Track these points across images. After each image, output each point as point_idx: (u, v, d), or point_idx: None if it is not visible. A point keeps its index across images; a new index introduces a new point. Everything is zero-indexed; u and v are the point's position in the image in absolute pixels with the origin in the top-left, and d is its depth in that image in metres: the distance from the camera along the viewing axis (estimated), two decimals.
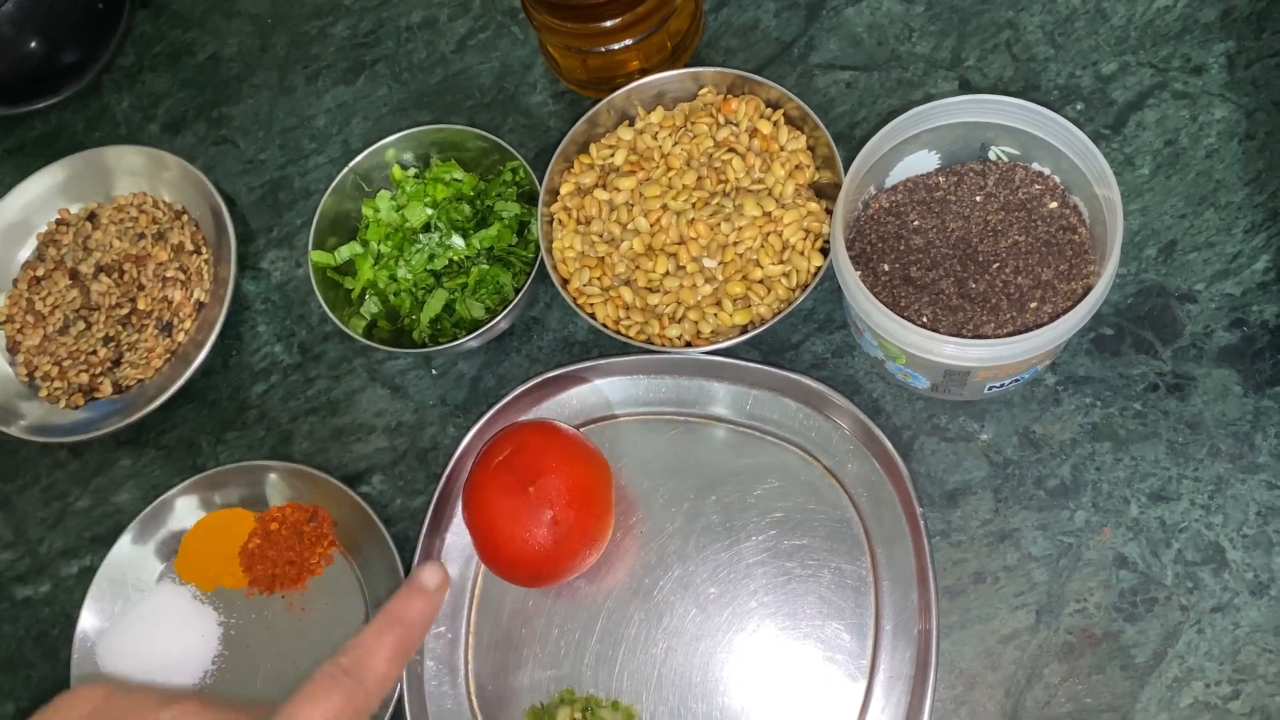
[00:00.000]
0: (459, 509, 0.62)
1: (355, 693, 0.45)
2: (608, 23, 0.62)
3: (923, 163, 0.59)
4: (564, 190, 0.64)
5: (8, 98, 0.79)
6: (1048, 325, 0.51)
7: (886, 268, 0.57)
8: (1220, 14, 0.64)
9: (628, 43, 0.64)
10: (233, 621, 0.63)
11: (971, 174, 0.58)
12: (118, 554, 0.64)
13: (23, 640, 0.66)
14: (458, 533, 0.62)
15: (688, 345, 0.60)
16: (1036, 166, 0.57)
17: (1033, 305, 0.55)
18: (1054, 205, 0.57)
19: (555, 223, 0.63)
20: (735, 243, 0.60)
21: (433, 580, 0.51)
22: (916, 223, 0.58)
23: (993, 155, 0.58)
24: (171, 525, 0.65)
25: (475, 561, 0.61)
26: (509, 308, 0.61)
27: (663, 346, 0.60)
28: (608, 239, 0.62)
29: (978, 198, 0.58)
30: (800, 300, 0.58)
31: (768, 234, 0.59)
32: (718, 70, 0.64)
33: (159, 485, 0.67)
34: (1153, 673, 0.54)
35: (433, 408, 0.66)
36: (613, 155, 0.63)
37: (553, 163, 0.63)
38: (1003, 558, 0.57)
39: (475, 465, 0.58)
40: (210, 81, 0.78)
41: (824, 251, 0.60)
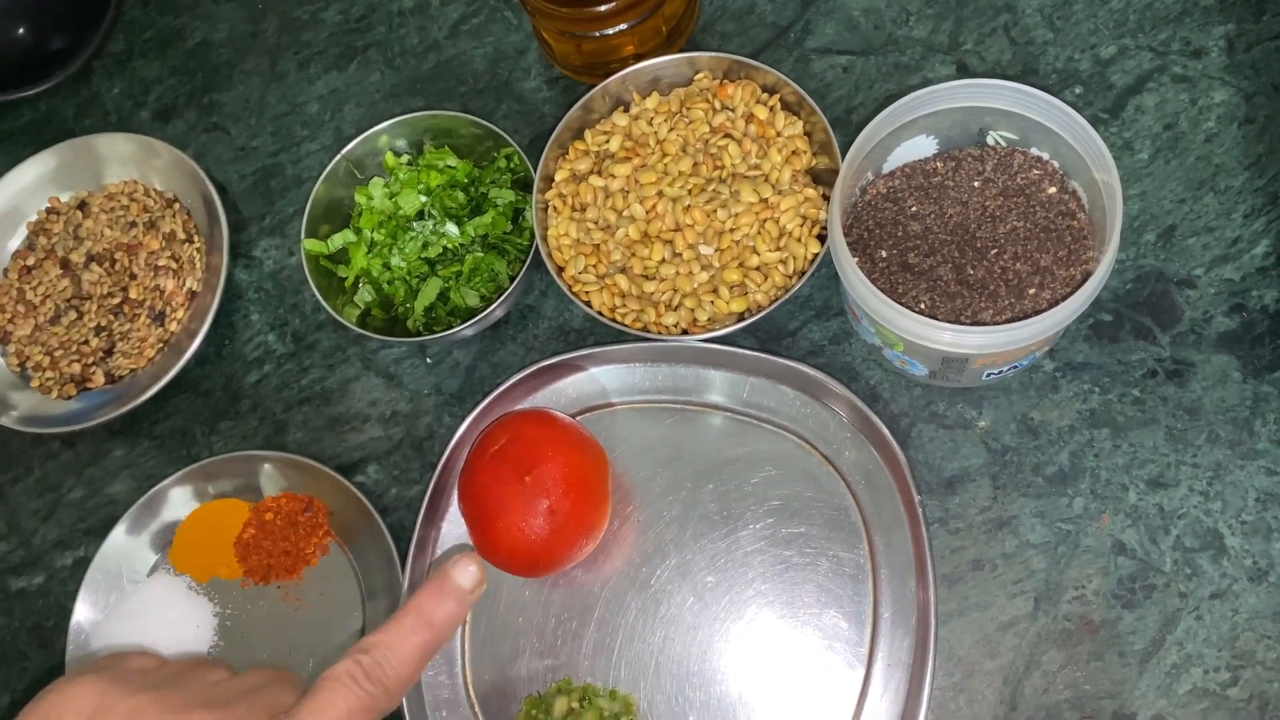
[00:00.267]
0: (455, 498, 0.61)
1: (376, 698, 0.43)
2: (602, 7, 0.62)
3: (920, 148, 0.58)
4: (559, 177, 0.63)
5: None
6: (1046, 311, 0.50)
7: (884, 254, 0.57)
8: None
9: (622, 27, 0.63)
10: (228, 612, 0.63)
11: (969, 159, 0.58)
12: (112, 545, 0.64)
13: (17, 632, 0.66)
14: (454, 522, 0.62)
15: (684, 333, 0.59)
16: (1035, 151, 0.57)
17: (1031, 291, 0.55)
18: (1052, 190, 0.56)
19: (550, 210, 0.63)
20: (732, 229, 0.59)
21: (468, 581, 0.48)
22: (914, 209, 0.57)
23: (991, 140, 0.58)
24: (165, 516, 0.64)
25: (471, 551, 0.60)
26: (504, 296, 0.61)
27: (659, 334, 0.59)
28: (603, 226, 0.61)
29: (976, 183, 0.57)
30: (797, 287, 0.58)
31: (764, 220, 0.59)
32: (713, 55, 0.63)
33: (153, 476, 0.66)
34: (1151, 659, 0.54)
35: (428, 397, 0.66)
36: (608, 141, 0.63)
37: (547, 149, 0.63)
38: (1001, 545, 0.57)
39: (471, 454, 0.58)
40: (201, 68, 0.78)
41: (821, 238, 0.59)
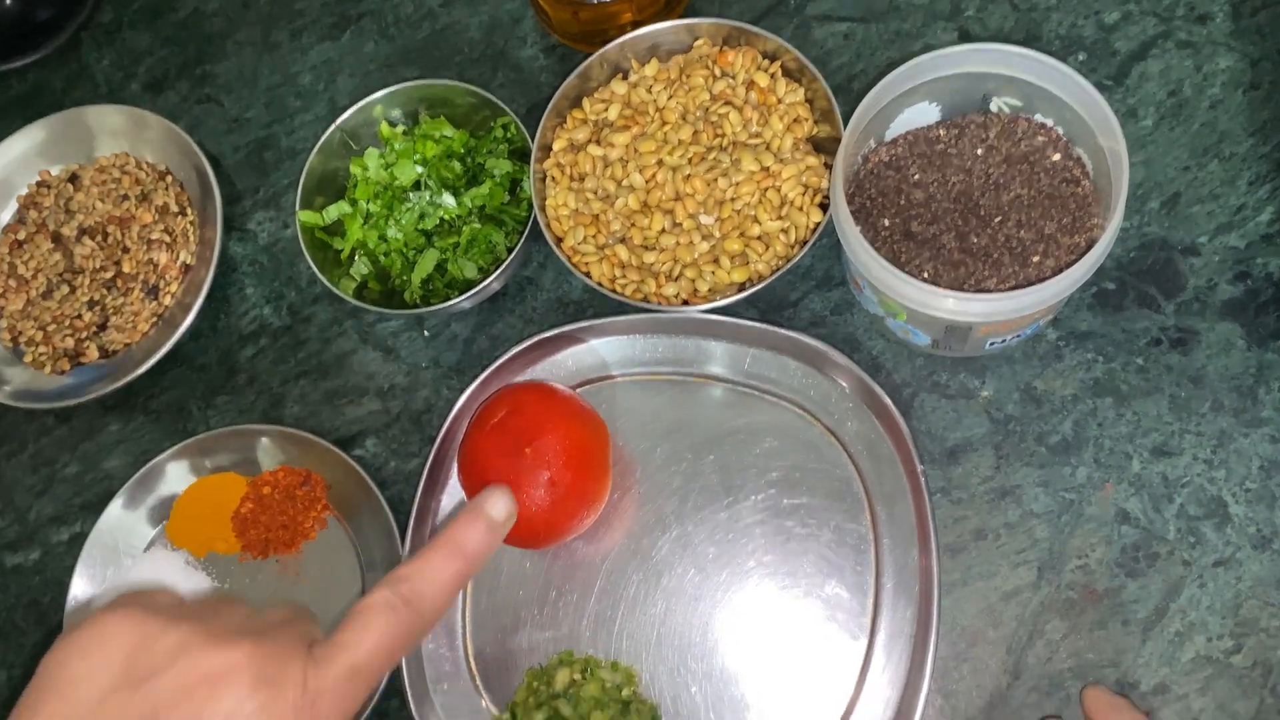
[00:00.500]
0: (454, 471, 0.61)
1: (414, 624, 0.43)
2: None
3: (923, 115, 0.58)
4: (557, 146, 0.62)
5: None
6: (1051, 279, 0.50)
7: (887, 223, 0.56)
8: None
9: None
10: (226, 587, 0.63)
11: (973, 126, 0.57)
12: (108, 520, 0.63)
13: (14, 608, 0.65)
14: (453, 495, 0.61)
15: (685, 303, 0.59)
16: (1039, 118, 0.56)
17: (1035, 259, 0.54)
18: (1057, 157, 0.56)
19: (548, 180, 0.62)
20: (733, 198, 0.58)
21: (501, 512, 0.48)
22: (917, 176, 0.57)
23: (994, 107, 0.57)
24: (162, 491, 0.64)
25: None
26: (502, 267, 0.60)
27: (659, 305, 0.59)
28: (602, 196, 0.60)
29: (979, 150, 0.57)
30: (799, 257, 0.57)
31: (766, 189, 0.58)
32: (713, 21, 0.62)
33: (148, 451, 0.66)
34: (1154, 628, 0.53)
35: (426, 370, 0.65)
36: (606, 110, 0.62)
37: (545, 118, 0.62)
38: (1004, 514, 0.56)
39: (470, 427, 0.57)
40: (192, 38, 0.76)
41: (823, 207, 0.59)
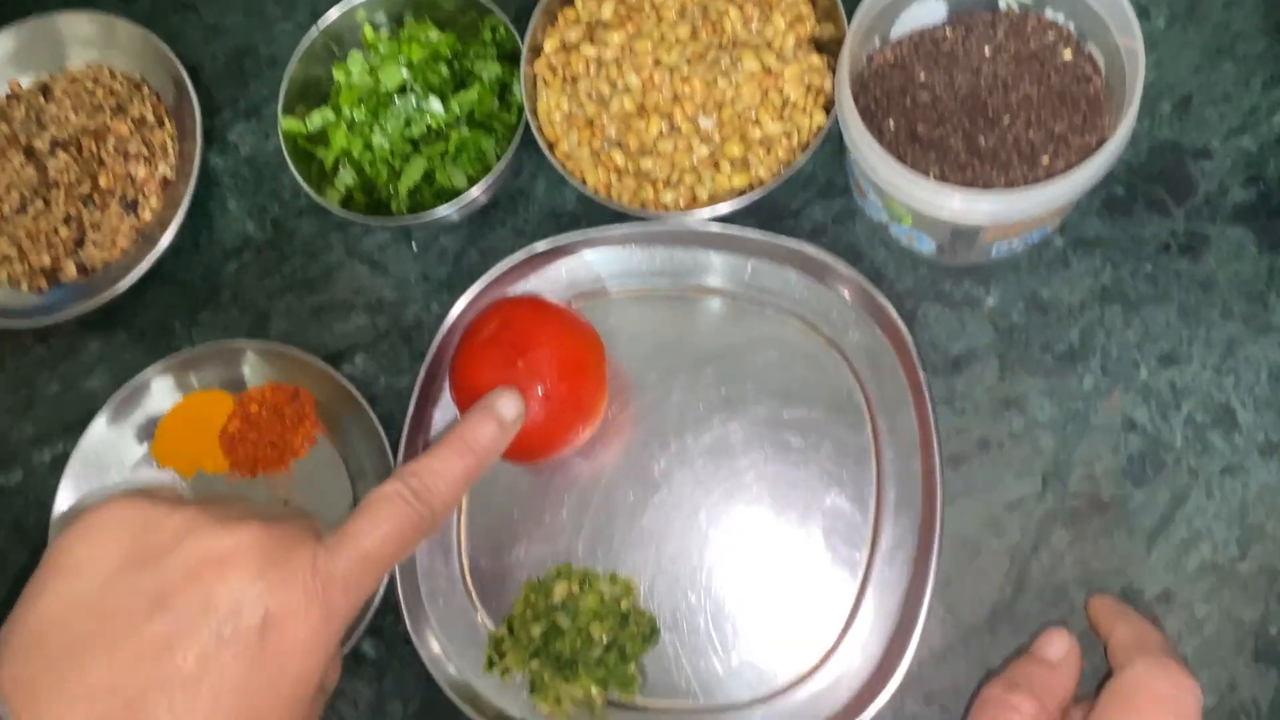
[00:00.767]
0: (446, 387, 0.59)
1: (423, 517, 0.43)
2: None
3: (929, 13, 0.56)
4: (548, 47, 0.60)
5: None
6: (1061, 176, 0.48)
7: (892, 125, 0.54)
8: None
9: None
10: None
11: (981, 24, 0.55)
12: (91, 439, 0.61)
13: None
14: (445, 410, 0.60)
15: (684, 211, 0.57)
16: (1050, 14, 0.54)
17: (1045, 161, 0.53)
18: (1068, 55, 0.54)
19: (540, 82, 0.60)
20: (733, 100, 0.56)
21: (510, 411, 0.48)
22: (923, 77, 0.55)
23: (1003, 4, 0.55)
24: (147, 409, 0.62)
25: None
26: (492, 174, 0.58)
27: (657, 213, 0.57)
28: (597, 98, 0.58)
29: (987, 50, 0.55)
30: (802, 161, 0.55)
31: (767, 90, 0.56)
32: None
33: (131, 369, 0.64)
34: (1160, 536, 0.53)
35: (415, 285, 0.63)
36: (600, 7, 0.60)
37: (535, 18, 0.59)
38: (1008, 424, 0.55)
39: (462, 341, 0.56)
40: None
41: (827, 109, 0.57)
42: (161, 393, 0.62)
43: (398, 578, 0.56)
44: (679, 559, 0.56)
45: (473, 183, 0.60)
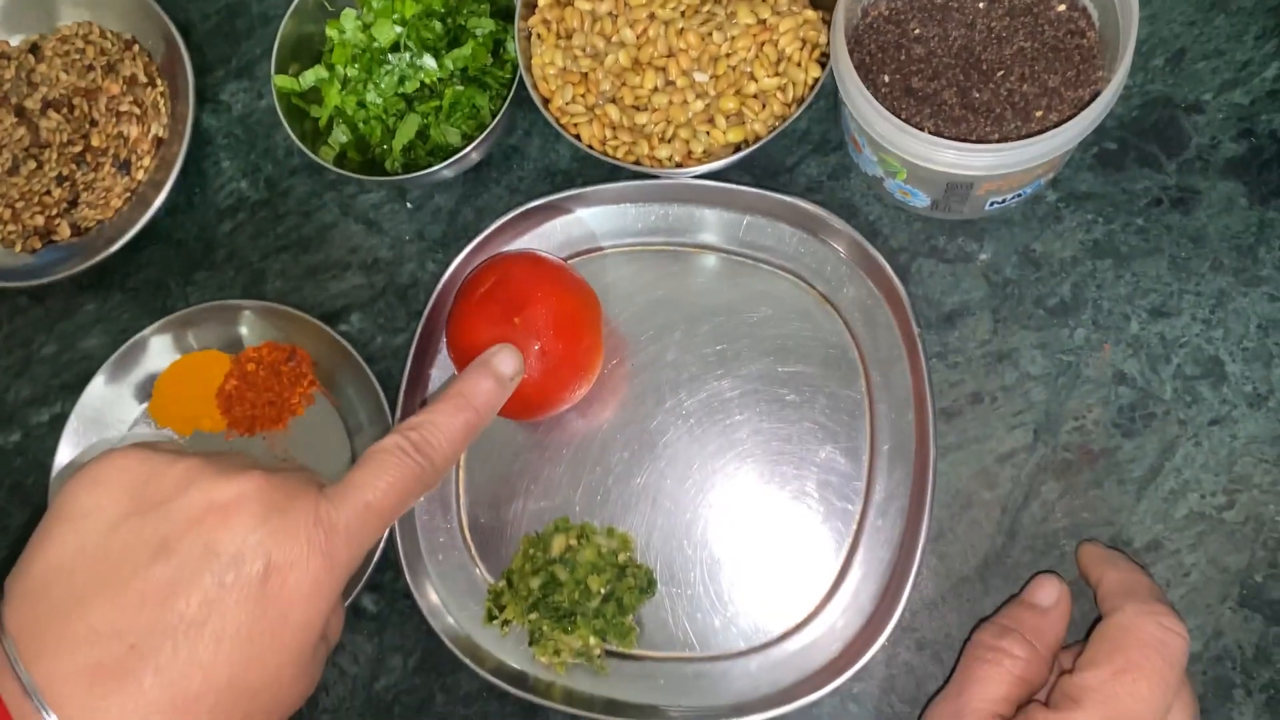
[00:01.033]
0: (443, 344, 0.60)
1: (424, 470, 0.44)
2: None
3: None
4: (542, 2, 0.60)
5: None
6: (1054, 129, 0.48)
7: (887, 79, 0.54)
8: None
9: None
10: None
11: None
12: (90, 398, 0.62)
13: None
14: (442, 368, 0.60)
15: (679, 166, 0.57)
16: None
17: (1038, 114, 0.53)
18: (1061, 8, 0.54)
19: (534, 38, 0.60)
20: (728, 54, 0.56)
21: (509, 367, 0.49)
22: (918, 31, 0.55)
23: None
24: (145, 368, 0.62)
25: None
26: (486, 132, 0.58)
27: (651, 168, 0.57)
28: (591, 53, 0.58)
29: (981, 3, 0.55)
30: (796, 115, 0.55)
31: (762, 44, 0.56)
32: None
33: (127, 329, 0.64)
34: (1149, 486, 0.54)
35: (410, 243, 0.63)
36: None
37: None
38: (1001, 378, 0.56)
39: (458, 298, 0.56)
40: None
41: (822, 63, 0.57)
42: (159, 352, 0.62)
43: (397, 533, 0.56)
44: (675, 513, 0.57)
45: (467, 140, 0.60)
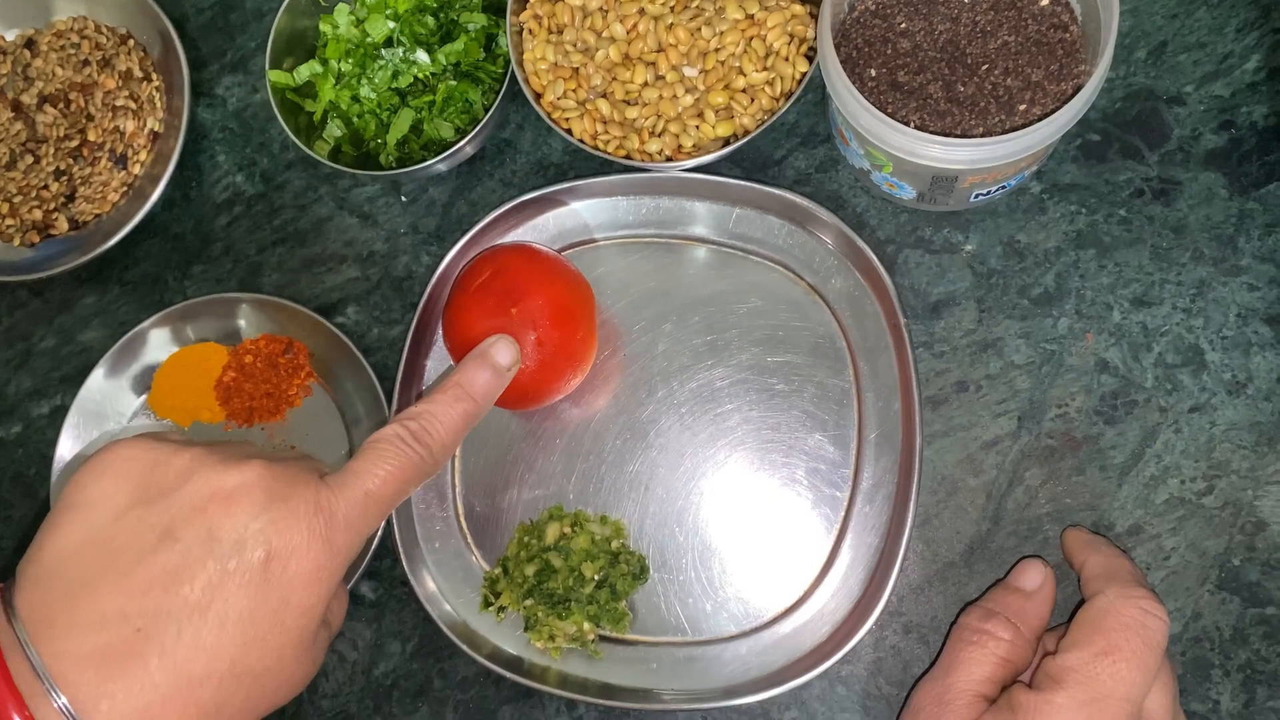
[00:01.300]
0: (439, 336, 0.61)
1: (423, 459, 0.45)
2: None
3: None
4: None
5: None
6: (1038, 123, 0.49)
7: (873, 73, 0.55)
8: None
9: None
10: None
11: None
12: (90, 391, 0.62)
13: None
14: (438, 359, 0.61)
15: (668, 160, 0.58)
16: None
17: (1021, 108, 0.54)
18: (1045, 2, 0.55)
19: (525, 33, 0.60)
20: (717, 49, 0.57)
21: (506, 358, 0.50)
22: (903, 25, 0.56)
23: None
24: (144, 360, 0.63)
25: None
26: (479, 126, 0.59)
27: (642, 162, 0.58)
28: (582, 48, 0.59)
29: None
30: (785, 109, 0.56)
31: (751, 39, 0.57)
32: None
33: (126, 323, 0.65)
34: (1130, 472, 0.55)
35: (404, 236, 0.64)
36: None
37: None
38: (985, 367, 0.57)
39: (454, 289, 0.57)
40: None
41: (809, 57, 0.58)
42: (158, 345, 0.63)
43: (394, 522, 0.57)
44: (667, 500, 0.58)
45: (460, 134, 0.61)
